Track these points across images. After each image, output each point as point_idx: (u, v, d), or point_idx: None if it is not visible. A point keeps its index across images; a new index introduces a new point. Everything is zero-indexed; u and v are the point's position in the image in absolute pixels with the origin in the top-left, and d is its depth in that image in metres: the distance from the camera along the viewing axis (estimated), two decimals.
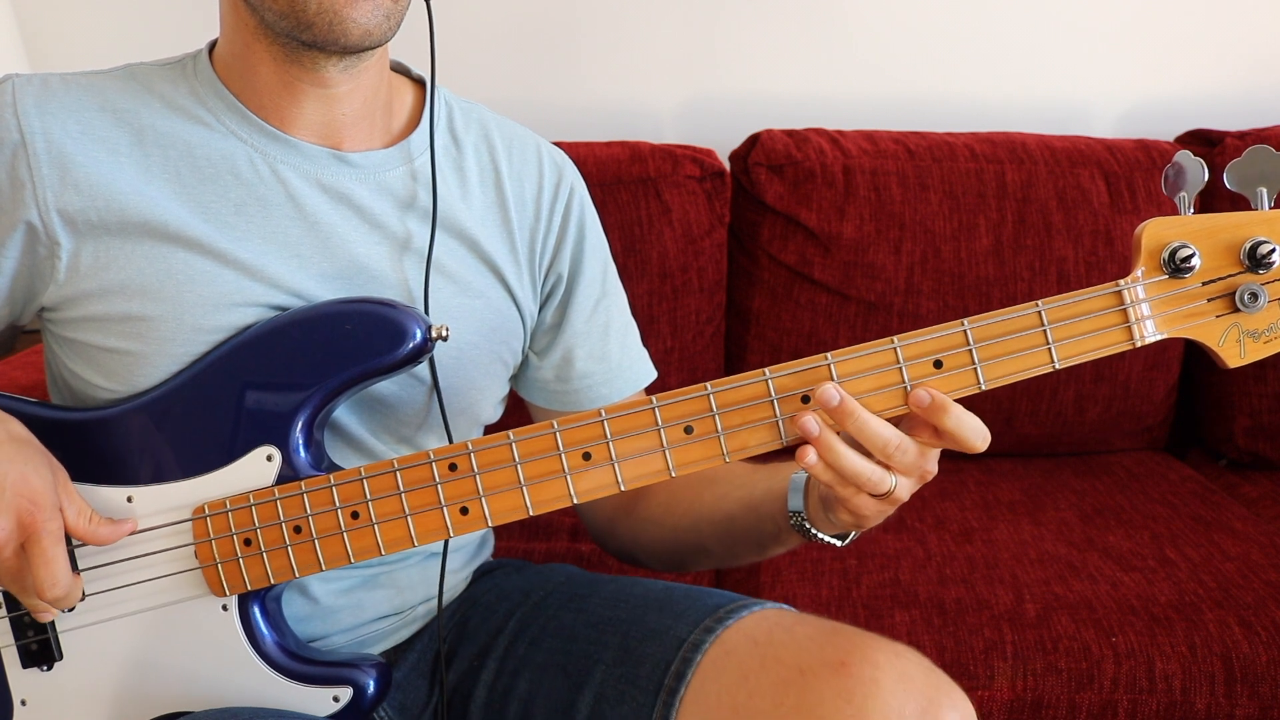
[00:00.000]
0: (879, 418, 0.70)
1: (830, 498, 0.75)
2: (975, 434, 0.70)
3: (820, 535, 0.79)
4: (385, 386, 0.82)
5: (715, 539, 0.89)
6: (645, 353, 0.99)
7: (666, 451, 0.73)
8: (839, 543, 0.80)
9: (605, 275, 0.96)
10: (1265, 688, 1.08)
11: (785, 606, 0.81)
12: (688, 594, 0.83)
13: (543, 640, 0.85)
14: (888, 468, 0.71)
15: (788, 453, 0.72)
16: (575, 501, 0.73)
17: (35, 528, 0.68)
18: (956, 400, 0.70)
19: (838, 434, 0.71)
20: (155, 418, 0.77)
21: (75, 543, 0.76)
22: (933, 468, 0.73)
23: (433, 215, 0.84)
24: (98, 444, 0.77)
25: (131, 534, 0.76)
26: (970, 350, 0.71)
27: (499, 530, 1.26)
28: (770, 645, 0.75)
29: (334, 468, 0.79)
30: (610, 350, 0.94)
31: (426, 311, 0.82)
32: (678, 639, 0.78)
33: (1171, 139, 1.66)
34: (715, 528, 0.88)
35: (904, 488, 0.72)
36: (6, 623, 0.77)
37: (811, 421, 0.70)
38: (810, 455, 0.70)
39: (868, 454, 0.71)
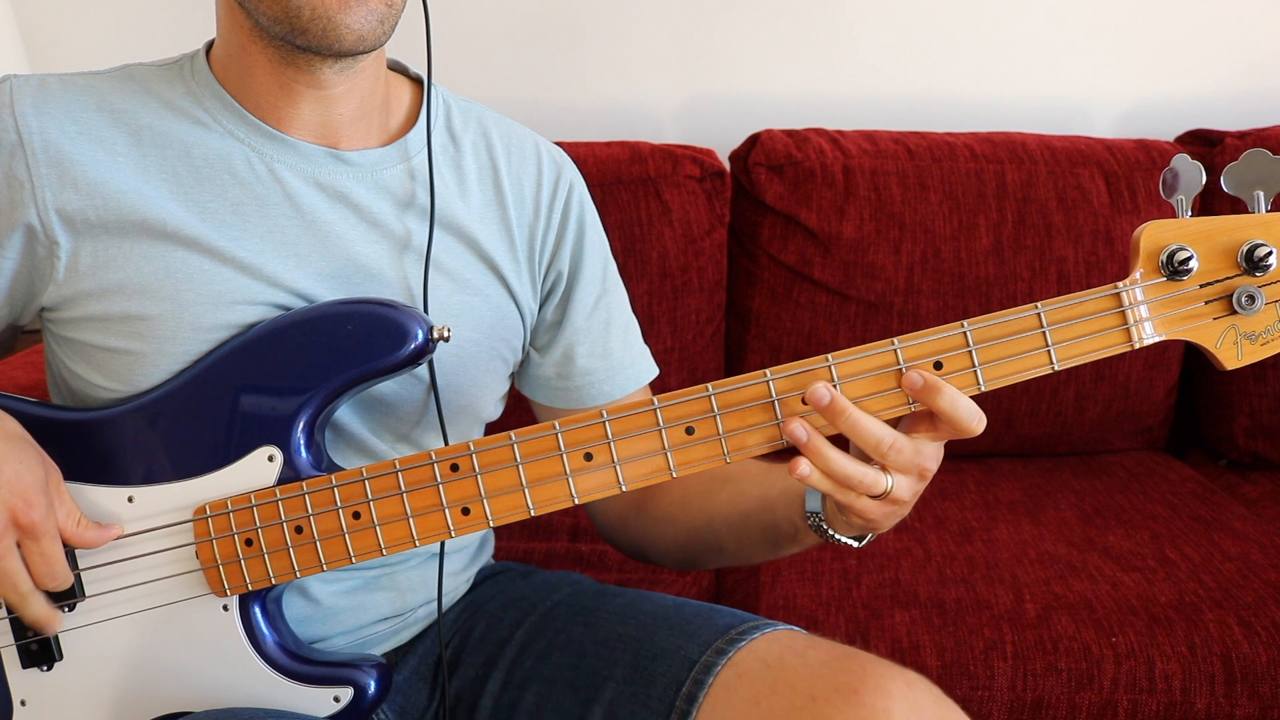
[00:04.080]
0: (870, 416, 0.70)
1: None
2: (970, 415, 0.69)
3: (837, 536, 0.79)
4: (385, 385, 0.82)
5: (730, 537, 0.88)
6: (647, 350, 0.98)
7: (668, 452, 0.73)
8: (856, 544, 0.80)
9: (606, 272, 0.96)
10: (1265, 688, 1.08)
11: (796, 628, 0.81)
12: (698, 612, 0.83)
13: (551, 654, 0.85)
14: (884, 468, 0.71)
15: (789, 453, 0.72)
16: (576, 502, 0.73)
17: (33, 526, 0.70)
18: None
19: (829, 438, 0.71)
20: (156, 418, 0.77)
21: None
22: (931, 464, 0.72)
23: (430, 213, 0.84)
24: (98, 444, 0.77)
25: (121, 538, 0.76)
26: (970, 352, 0.71)
27: (499, 530, 1.26)
28: (782, 669, 0.74)
29: (334, 468, 0.79)
30: (612, 347, 0.94)
31: (425, 310, 0.82)
32: (689, 660, 0.78)
33: (1171, 139, 1.66)
34: (730, 526, 0.88)
35: (902, 486, 0.72)
36: (7, 623, 0.77)
37: (799, 428, 0.70)
38: (802, 465, 0.70)
39: (865, 458, 0.71)
